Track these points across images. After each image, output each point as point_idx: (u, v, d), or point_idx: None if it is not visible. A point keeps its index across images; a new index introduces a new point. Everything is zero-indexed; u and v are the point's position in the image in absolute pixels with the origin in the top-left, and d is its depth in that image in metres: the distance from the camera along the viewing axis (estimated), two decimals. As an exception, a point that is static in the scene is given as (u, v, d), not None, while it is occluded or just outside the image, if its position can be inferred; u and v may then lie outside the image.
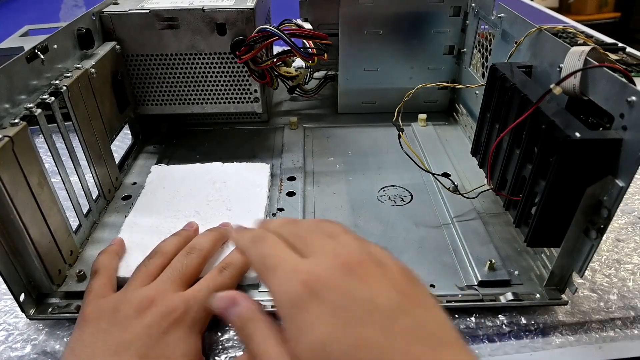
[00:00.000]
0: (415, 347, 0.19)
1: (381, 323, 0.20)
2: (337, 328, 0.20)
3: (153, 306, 0.30)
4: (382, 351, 0.19)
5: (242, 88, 0.52)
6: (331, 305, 0.20)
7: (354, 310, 0.20)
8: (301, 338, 0.20)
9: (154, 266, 0.34)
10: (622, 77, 0.28)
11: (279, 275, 0.22)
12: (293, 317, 0.21)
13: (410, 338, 0.19)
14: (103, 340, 0.29)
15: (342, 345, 0.19)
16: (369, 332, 0.19)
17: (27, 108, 0.34)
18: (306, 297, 0.21)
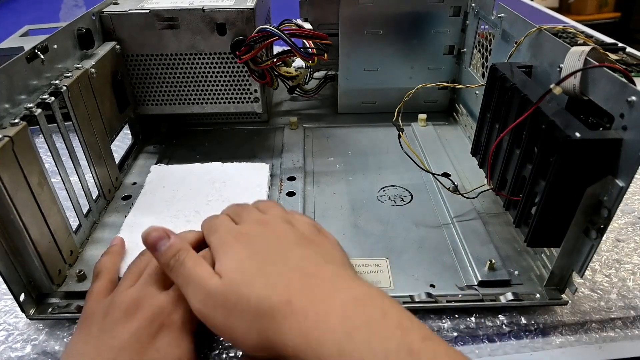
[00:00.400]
0: (303, 264, 0.28)
1: (282, 251, 0.29)
2: (251, 253, 0.29)
3: (139, 310, 0.29)
4: (280, 269, 0.27)
5: (242, 88, 0.52)
6: (247, 242, 0.30)
7: (263, 245, 0.29)
8: (226, 261, 0.28)
9: (143, 264, 0.33)
10: (622, 77, 0.28)
11: (218, 234, 0.31)
12: (222, 251, 0.29)
13: (300, 260, 0.28)
14: (94, 347, 0.28)
15: (253, 262, 0.28)
16: (271, 256, 0.28)
17: (27, 108, 0.34)
18: (231, 240, 0.30)
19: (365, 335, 0.23)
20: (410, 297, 0.36)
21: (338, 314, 0.24)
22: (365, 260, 0.39)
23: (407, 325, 0.23)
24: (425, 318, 0.35)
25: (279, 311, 0.25)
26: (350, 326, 0.23)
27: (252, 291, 0.26)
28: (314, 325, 0.24)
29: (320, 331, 0.24)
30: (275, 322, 0.25)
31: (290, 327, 0.24)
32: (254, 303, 0.26)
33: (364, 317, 0.24)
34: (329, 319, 0.24)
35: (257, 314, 0.26)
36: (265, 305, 0.25)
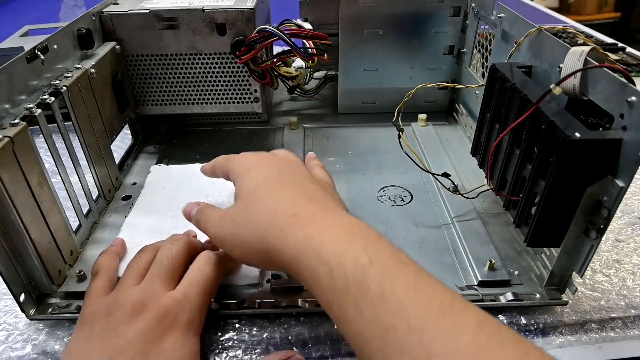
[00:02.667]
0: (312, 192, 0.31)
1: (293, 180, 0.32)
2: (267, 176, 0.32)
3: (145, 311, 0.29)
4: (290, 191, 0.30)
5: (242, 88, 0.52)
6: (265, 167, 0.33)
7: (277, 170, 0.32)
8: (244, 182, 0.32)
9: (144, 262, 0.33)
10: (622, 77, 0.28)
11: (237, 159, 0.35)
12: (241, 175, 0.33)
13: (309, 189, 0.31)
14: (97, 346, 0.28)
15: (266, 184, 0.31)
16: (283, 182, 0.31)
17: (27, 108, 0.34)
18: (250, 164, 0.34)
19: (362, 244, 0.25)
20: (410, 297, 0.36)
21: (339, 228, 0.27)
22: (365, 260, 0.39)
23: (397, 249, 0.26)
24: (425, 318, 0.35)
25: (285, 220, 0.28)
26: (349, 237, 0.26)
27: (261, 206, 0.29)
28: (317, 231, 0.26)
29: (322, 236, 0.26)
30: (280, 229, 0.27)
31: (293, 232, 0.27)
32: (260, 215, 0.29)
33: (362, 234, 0.26)
34: (331, 229, 0.26)
35: (263, 223, 0.28)
36: (272, 216, 0.28)
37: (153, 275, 0.32)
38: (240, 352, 0.33)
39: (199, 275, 0.32)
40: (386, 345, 0.22)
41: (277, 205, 0.29)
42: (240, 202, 0.31)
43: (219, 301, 0.35)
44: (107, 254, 0.36)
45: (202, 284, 0.32)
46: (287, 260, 0.27)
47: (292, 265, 0.27)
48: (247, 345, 0.34)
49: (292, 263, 0.27)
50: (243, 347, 0.33)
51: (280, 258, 0.27)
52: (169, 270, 0.32)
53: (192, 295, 0.31)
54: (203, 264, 0.33)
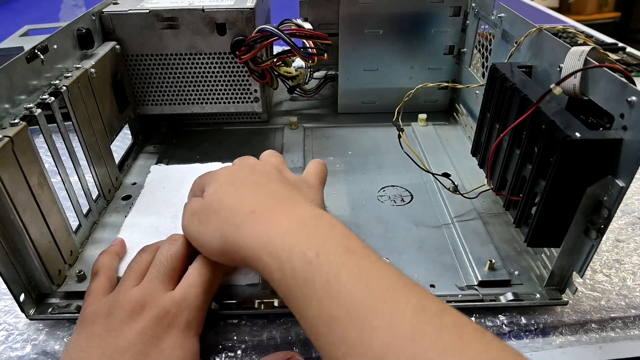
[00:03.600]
0: (274, 190, 0.31)
1: (258, 181, 0.32)
2: (232, 180, 0.33)
3: (145, 311, 0.30)
4: (252, 190, 0.31)
5: (242, 88, 0.52)
6: (232, 174, 0.34)
7: (243, 175, 0.33)
8: (211, 186, 0.33)
9: (144, 262, 0.33)
10: (622, 77, 0.28)
11: (210, 173, 0.35)
12: (210, 181, 0.33)
13: (272, 188, 0.31)
14: (97, 346, 0.28)
15: (230, 186, 0.32)
16: (247, 183, 0.32)
17: (27, 108, 0.34)
18: (220, 173, 0.34)
19: (311, 236, 0.26)
20: (410, 297, 0.36)
21: (292, 221, 0.27)
22: (365, 260, 0.39)
23: (352, 237, 0.26)
24: (425, 318, 0.35)
25: (243, 218, 0.28)
26: (300, 229, 0.26)
27: (223, 204, 0.30)
28: (268, 226, 0.27)
29: (272, 230, 0.27)
30: (237, 227, 0.28)
31: (249, 229, 0.28)
32: (222, 212, 0.30)
33: (314, 224, 0.27)
34: (282, 223, 0.27)
35: (224, 220, 0.29)
36: (231, 213, 0.29)
37: (152, 275, 0.32)
38: (240, 352, 0.33)
39: (198, 275, 0.32)
40: (331, 337, 0.22)
41: (237, 203, 0.30)
42: (205, 200, 0.32)
43: (219, 301, 0.35)
44: (107, 254, 0.36)
45: (201, 284, 0.32)
46: (246, 256, 0.28)
47: (250, 262, 0.28)
48: (247, 345, 0.34)
49: (250, 260, 0.27)
50: (243, 347, 0.33)
51: (239, 255, 0.28)
52: (168, 271, 0.32)
53: (191, 296, 0.31)
54: (202, 264, 0.33)
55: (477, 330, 0.21)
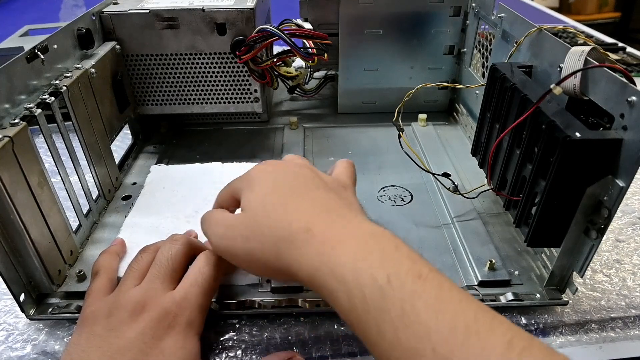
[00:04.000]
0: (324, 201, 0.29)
1: (304, 188, 0.30)
2: (275, 187, 0.30)
3: (145, 311, 0.30)
4: (302, 202, 0.29)
5: (242, 88, 0.52)
6: (272, 179, 0.31)
7: (286, 181, 0.31)
8: (250, 195, 0.30)
9: (145, 262, 0.33)
10: (622, 77, 0.28)
11: (245, 174, 0.33)
12: (248, 188, 0.31)
13: (322, 198, 0.30)
14: (98, 346, 0.28)
15: (275, 196, 0.29)
16: (294, 191, 0.30)
17: (27, 108, 0.34)
18: (257, 176, 0.32)
19: (378, 259, 0.24)
20: (410, 297, 0.36)
21: (355, 241, 0.25)
22: (365, 260, 0.39)
23: (417, 258, 0.25)
24: (425, 318, 0.35)
25: (298, 237, 0.26)
26: (365, 251, 0.25)
27: (272, 219, 0.28)
28: (331, 248, 0.25)
29: (337, 253, 0.25)
30: (294, 246, 0.26)
31: (308, 250, 0.26)
32: (274, 229, 0.27)
33: (379, 246, 0.25)
34: (346, 244, 0.25)
35: (277, 239, 0.27)
36: (285, 232, 0.27)
37: (153, 275, 0.32)
38: (240, 352, 0.33)
39: (198, 275, 0.32)
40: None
41: (289, 219, 0.27)
42: (248, 213, 0.30)
43: (219, 301, 0.35)
44: (107, 253, 0.36)
45: (202, 284, 0.32)
46: (305, 278, 0.26)
47: (310, 284, 0.26)
48: (247, 345, 0.34)
49: (310, 281, 0.26)
50: (243, 347, 0.33)
51: (297, 276, 0.27)
52: (169, 271, 0.32)
53: (192, 296, 0.31)
54: (203, 264, 0.33)
55: None
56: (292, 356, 0.31)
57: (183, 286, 0.32)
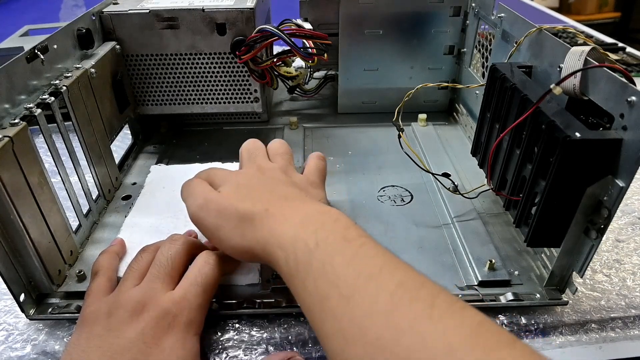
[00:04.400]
0: (285, 193, 0.33)
1: (270, 186, 0.35)
2: (246, 183, 0.35)
3: (145, 311, 0.30)
4: (266, 194, 0.33)
5: (242, 88, 0.52)
6: (245, 178, 0.36)
7: (256, 182, 0.35)
8: (226, 185, 0.34)
9: (145, 262, 0.33)
10: (622, 77, 0.28)
11: (224, 172, 0.37)
12: (225, 181, 0.35)
13: (283, 191, 0.34)
14: (98, 346, 0.28)
15: (245, 189, 0.34)
16: (261, 187, 0.34)
17: (27, 108, 0.34)
18: (233, 175, 0.36)
19: (314, 229, 0.28)
20: (410, 297, 0.36)
21: (300, 217, 0.29)
22: (365, 260, 0.39)
23: (351, 227, 0.28)
24: (425, 318, 0.35)
25: (257, 216, 0.30)
26: (306, 224, 0.28)
27: (240, 204, 0.32)
28: (279, 222, 0.29)
29: (283, 225, 0.29)
30: (253, 224, 0.30)
31: (262, 226, 0.30)
32: (240, 211, 0.31)
33: (320, 220, 0.29)
34: (292, 219, 0.29)
35: (241, 219, 0.31)
36: (248, 213, 0.31)
37: (152, 275, 0.32)
38: (240, 352, 0.33)
39: (198, 275, 0.32)
40: (323, 312, 0.25)
41: (253, 204, 0.32)
42: (224, 194, 0.33)
43: (219, 301, 0.35)
44: (107, 253, 0.36)
45: (201, 284, 0.32)
46: (260, 252, 0.30)
47: (263, 256, 0.30)
48: (247, 345, 0.34)
49: (263, 254, 0.29)
50: (243, 347, 0.33)
51: (255, 251, 0.30)
52: (168, 271, 0.32)
53: (191, 296, 0.31)
54: (203, 264, 0.33)
55: (450, 299, 0.23)
56: (292, 356, 0.32)
57: (183, 286, 0.32)
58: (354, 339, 0.23)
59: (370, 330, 0.22)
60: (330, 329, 0.24)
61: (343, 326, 0.23)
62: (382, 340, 0.21)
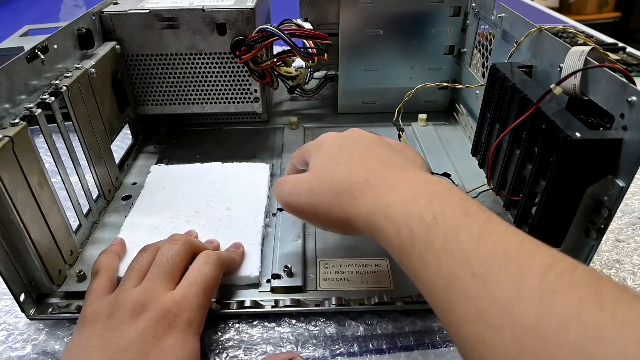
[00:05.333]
0: (383, 157, 0.31)
1: (365, 148, 0.32)
2: (339, 149, 0.33)
3: (145, 311, 0.30)
4: (362, 159, 0.31)
5: (242, 88, 0.52)
6: (338, 143, 0.34)
7: (350, 144, 0.33)
8: (317, 157, 0.34)
9: (145, 262, 0.33)
10: (622, 77, 0.28)
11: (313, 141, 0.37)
12: (315, 152, 0.35)
13: (381, 154, 0.32)
14: (99, 346, 0.28)
15: (338, 156, 0.32)
16: (356, 151, 0.32)
17: (27, 108, 0.34)
18: (324, 142, 0.35)
19: (428, 200, 0.25)
20: (410, 297, 0.36)
21: (408, 188, 0.27)
22: (365, 261, 0.39)
23: (469, 200, 0.25)
24: (425, 318, 0.35)
25: (357, 187, 0.29)
26: (416, 195, 0.26)
27: (335, 174, 0.30)
28: (385, 194, 0.27)
29: (390, 198, 0.27)
30: (353, 196, 0.29)
31: (365, 198, 0.28)
32: (336, 182, 0.30)
33: (431, 190, 0.26)
34: (399, 190, 0.27)
35: (338, 191, 0.29)
36: (346, 184, 0.29)
37: (153, 275, 0.32)
38: (240, 352, 0.33)
39: (198, 275, 0.32)
40: (451, 293, 0.22)
41: (350, 173, 0.30)
42: (314, 171, 0.32)
43: (219, 301, 0.35)
44: (107, 253, 0.36)
45: (201, 284, 0.32)
46: (362, 224, 0.28)
47: (366, 229, 0.28)
48: (247, 345, 0.34)
49: (366, 227, 0.28)
50: (243, 347, 0.33)
51: (356, 224, 0.29)
52: (169, 271, 0.32)
53: (191, 296, 0.31)
54: (203, 264, 0.33)
55: (615, 287, 0.19)
56: (292, 357, 0.32)
57: (183, 286, 0.32)
58: (499, 324, 0.20)
59: (521, 316, 0.19)
60: (464, 312, 0.22)
61: (481, 309, 0.21)
62: (541, 328, 0.19)
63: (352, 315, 0.35)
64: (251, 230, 0.40)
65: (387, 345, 0.33)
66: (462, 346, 0.22)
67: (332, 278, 0.37)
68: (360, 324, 0.35)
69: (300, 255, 0.39)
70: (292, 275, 0.37)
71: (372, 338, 0.34)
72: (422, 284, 0.25)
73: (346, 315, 0.35)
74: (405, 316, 0.35)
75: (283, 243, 0.40)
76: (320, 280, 0.37)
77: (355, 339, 0.34)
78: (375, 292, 0.36)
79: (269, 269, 0.38)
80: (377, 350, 0.33)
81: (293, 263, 0.38)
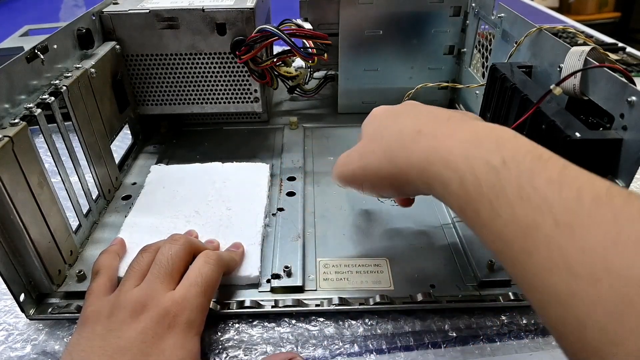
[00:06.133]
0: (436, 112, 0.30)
1: (417, 109, 0.32)
2: (390, 114, 0.33)
3: (146, 311, 0.30)
4: (413, 116, 0.30)
5: (242, 88, 0.52)
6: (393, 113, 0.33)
7: (403, 110, 0.33)
8: (369, 124, 0.34)
9: (145, 262, 0.33)
10: (622, 77, 0.28)
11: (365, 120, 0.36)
12: (367, 122, 0.35)
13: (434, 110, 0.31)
14: (99, 346, 0.28)
15: (389, 119, 0.32)
16: (407, 112, 0.32)
17: (27, 108, 0.34)
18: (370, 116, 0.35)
19: (493, 146, 0.24)
20: (410, 297, 0.36)
21: (466, 133, 0.25)
22: (365, 260, 0.39)
23: (538, 145, 0.24)
24: (425, 318, 0.35)
25: (408, 139, 0.28)
26: (478, 140, 0.24)
27: (384, 133, 0.30)
28: (441, 140, 0.26)
29: (447, 145, 0.25)
30: (405, 148, 0.28)
31: (419, 147, 0.27)
32: (385, 141, 0.29)
33: (494, 135, 0.25)
34: (458, 135, 0.25)
35: (388, 146, 0.29)
36: (396, 137, 0.29)
37: (153, 275, 0.32)
38: (240, 352, 0.33)
39: (198, 275, 0.32)
40: (530, 243, 0.20)
41: (400, 129, 0.29)
42: (364, 138, 0.33)
43: (219, 301, 0.35)
44: (107, 253, 0.36)
45: (201, 284, 0.32)
46: (416, 175, 0.27)
47: (421, 181, 0.26)
48: (247, 345, 0.34)
49: (421, 178, 0.26)
50: (243, 347, 0.33)
51: (409, 176, 0.27)
52: (169, 271, 0.32)
53: (191, 296, 0.31)
54: (203, 264, 0.33)
55: None
56: (292, 357, 0.32)
57: (183, 286, 0.32)
58: (593, 274, 0.18)
59: (621, 265, 0.17)
60: (546, 262, 0.20)
61: (569, 259, 0.19)
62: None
63: (352, 315, 0.35)
64: (251, 230, 0.40)
65: (386, 345, 0.33)
66: (542, 299, 0.20)
67: (332, 278, 0.37)
68: (360, 324, 0.35)
69: (300, 255, 0.39)
70: (291, 275, 0.37)
71: (371, 338, 0.34)
72: (490, 234, 0.23)
73: (346, 315, 0.35)
74: (405, 316, 0.35)
75: (283, 243, 0.40)
76: (320, 280, 0.37)
77: (355, 339, 0.34)
78: (375, 292, 0.36)
79: (268, 269, 0.38)
80: (376, 350, 0.33)
81: (293, 263, 0.38)
